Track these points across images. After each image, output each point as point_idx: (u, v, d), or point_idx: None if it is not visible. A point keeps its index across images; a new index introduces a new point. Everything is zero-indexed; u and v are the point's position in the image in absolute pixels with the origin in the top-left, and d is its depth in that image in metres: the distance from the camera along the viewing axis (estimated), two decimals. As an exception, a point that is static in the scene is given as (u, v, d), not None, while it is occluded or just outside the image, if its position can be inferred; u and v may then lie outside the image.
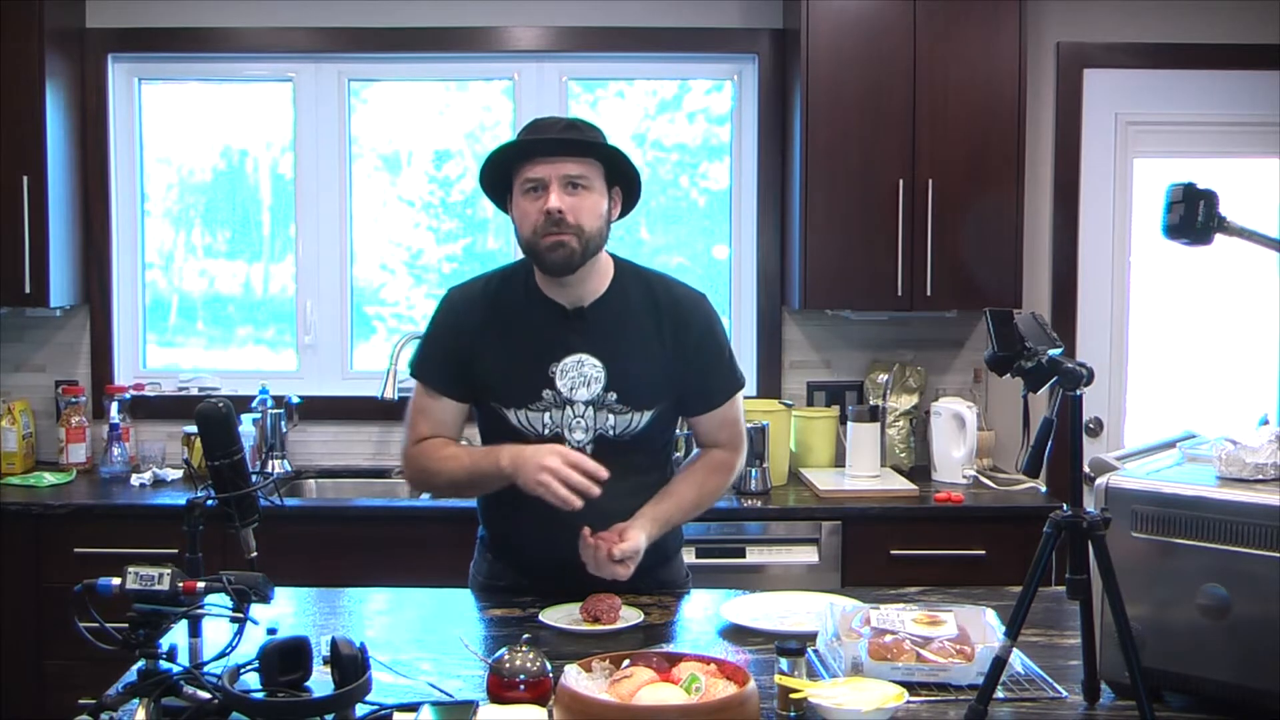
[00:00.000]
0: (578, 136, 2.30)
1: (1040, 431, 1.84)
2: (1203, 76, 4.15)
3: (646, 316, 2.41)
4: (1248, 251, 2.07)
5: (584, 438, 2.36)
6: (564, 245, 2.28)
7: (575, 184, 2.28)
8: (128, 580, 1.72)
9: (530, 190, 2.30)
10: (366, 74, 4.21)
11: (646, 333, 2.40)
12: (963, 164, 3.77)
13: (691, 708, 1.66)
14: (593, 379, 2.36)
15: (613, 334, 2.38)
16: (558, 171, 2.27)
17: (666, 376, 2.40)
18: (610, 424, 2.37)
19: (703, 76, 4.23)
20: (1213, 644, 1.79)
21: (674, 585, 2.57)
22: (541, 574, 2.45)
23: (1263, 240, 1.92)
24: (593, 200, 2.30)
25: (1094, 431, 4.22)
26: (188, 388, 4.15)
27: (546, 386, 2.35)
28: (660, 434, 2.47)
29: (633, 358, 2.38)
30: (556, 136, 2.30)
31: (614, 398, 2.36)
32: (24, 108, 3.75)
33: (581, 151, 2.29)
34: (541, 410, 2.36)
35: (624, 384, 2.36)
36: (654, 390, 2.39)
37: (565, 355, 2.36)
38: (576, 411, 2.36)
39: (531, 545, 2.44)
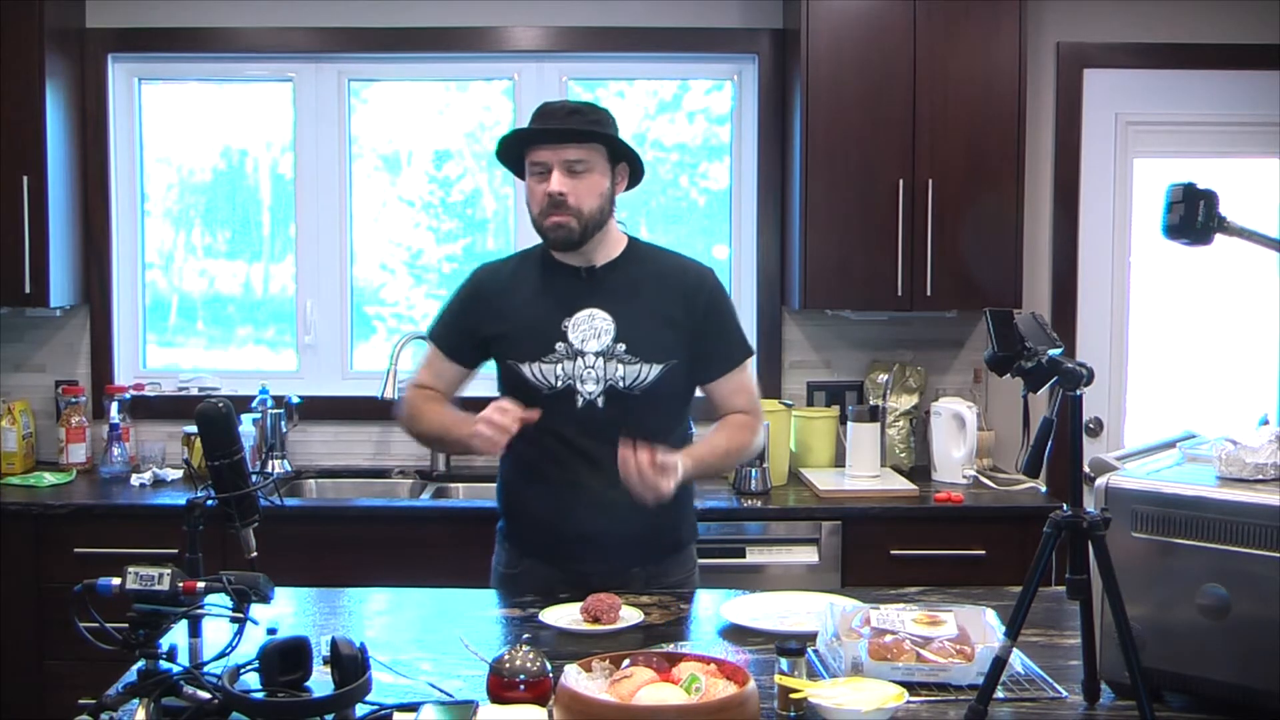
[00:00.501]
0: (577, 124, 2.46)
1: (1040, 431, 1.84)
2: (1203, 76, 4.15)
3: (656, 281, 2.57)
4: (1248, 251, 2.07)
5: (595, 389, 2.49)
6: (563, 226, 2.47)
7: (575, 167, 2.46)
8: (128, 580, 1.72)
9: (536, 173, 2.49)
10: (366, 74, 4.21)
11: (656, 294, 2.55)
12: (963, 164, 3.77)
13: (691, 708, 1.66)
14: (603, 331, 2.50)
15: (623, 291, 2.54)
16: (559, 156, 2.45)
17: (675, 336, 2.53)
18: (620, 374, 2.48)
19: (703, 76, 4.23)
20: (1213, 644, 1.79)
21: (681, 576, 2.61)
22: (560, 551, 2.53)
23: (1263, 240, 1.92)
24: (592, 181, 2.48)
25: (1094, 431, 4.22)
26: (188, 388, 4.15)
27: (559, 340, 2.50)
28: (671, 398, 2.56)
29: (642, 313, 2.52)
30: (556, 126, 2.46)
31: (623, 348, 2.49)
32: (24, 108, 3.75)
33: (579, 138, 2.46)
34: (554, 362, 2.49)
35: (633, 335, 2.50)
36: (662, 345, 2.51)
37: (578, 310, 2.52)
38: (587, 363, 2.49)
39: (550, 518, 2.52)
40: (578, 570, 2.51)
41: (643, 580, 2.54)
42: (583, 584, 2.45)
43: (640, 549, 2.54)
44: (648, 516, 2.44)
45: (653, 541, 2.56)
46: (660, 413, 2.54)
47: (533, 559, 2.59)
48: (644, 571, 2.55)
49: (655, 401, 2.51)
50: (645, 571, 2.55)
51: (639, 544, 2.53)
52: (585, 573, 2.49)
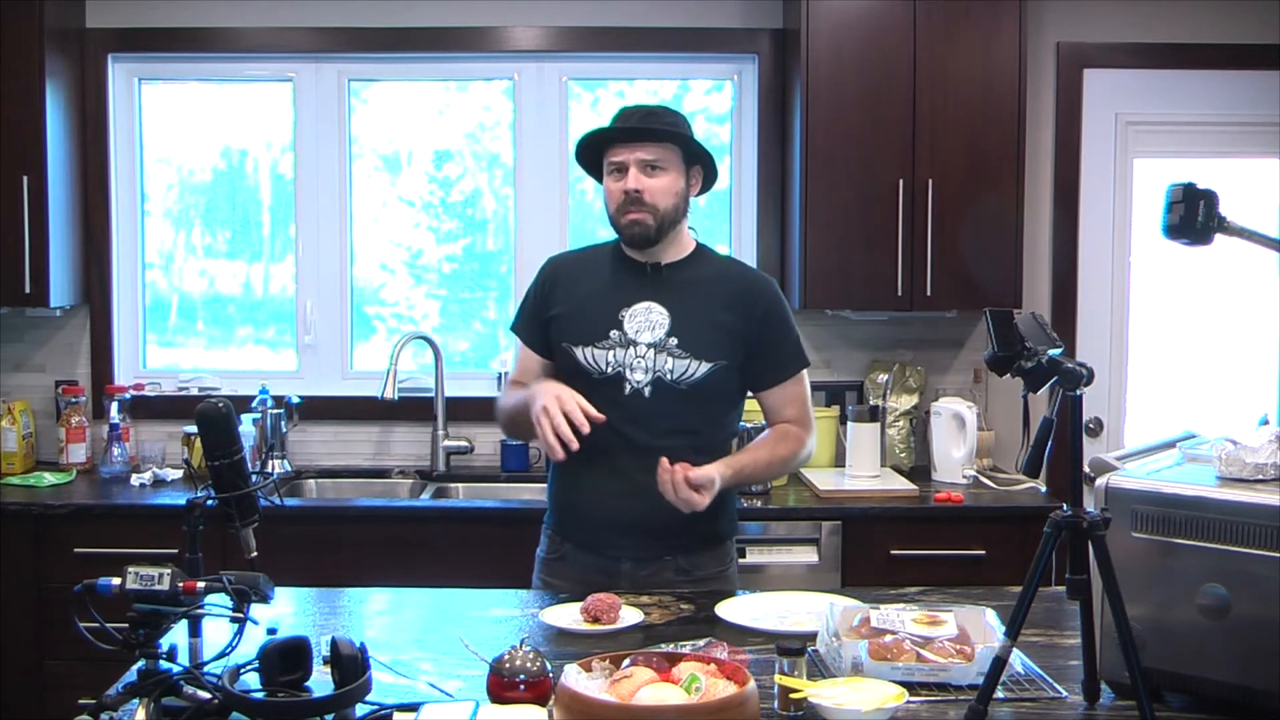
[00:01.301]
0: (653, 124, 2.56)
1: (1040, 431, 1.84)
2: (1203, 76, 4.15)
3: (717, 283, 2.64)
4: (1248, 251, 2.07)
5: (643, 379, 2.55)
6: (640, 222, 2.55)
7: (652, 166, 2.55)
8: (128, 580, 1.72)
9: (614, 172, 2.58)
10: (366, 74, 4.21)
11: (714, 296, 2.62)
12: (963, 164, 3.77)
13: (691, 708, 1.66)
14: (657, 324, 2.57)
15: (683, 290, 2.61)
16: (635, 155, 2.55)
17: (729, 337, 2.59)
18: (669, 367, 2.54)
19: (703, 76, 4.23)
20: (1213, 644, 1.79)
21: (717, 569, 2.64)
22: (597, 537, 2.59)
23: (1263, 240, 1.92)
24: (668, 180, 2.56)
25: (1094, 431, 4.22)
26: (188, 388, 4.15)
27: (614, 327, 2.57)
28: (716, 398, 2.61)
29: (697, 311, 2.59)
30: (634, 125, 2.57)
31: (675, 342, 2.55)
32: (24, 108, 3.75)
33: (656, 137, 2.55)
34: (607, 349, 2.56)
35: (686, 331, 2.56)
36: (714, 344, 2.57)
37: (636, 302, 2.59)
38: (639, 352, 2.56)
39: (589, 503, 2.59)
40: (613, 556, 2.57)
41: (674, 570, 2.57)
42: (616, 572, 2.55)
43: (676, 539, 2.57)
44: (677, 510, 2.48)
45: (689, 532, 2.57)
46: (704, 411, 2.59)
47: (571, 544, 2.64)
48: (677, 562, 2.58)
49: (700, 399, 2.56)
50: (679, 562, 2.58)
51: (675, 534, 2.56)
52: (620, 559, 2.57)
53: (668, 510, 2.46)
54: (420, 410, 4.08)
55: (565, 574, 2.62)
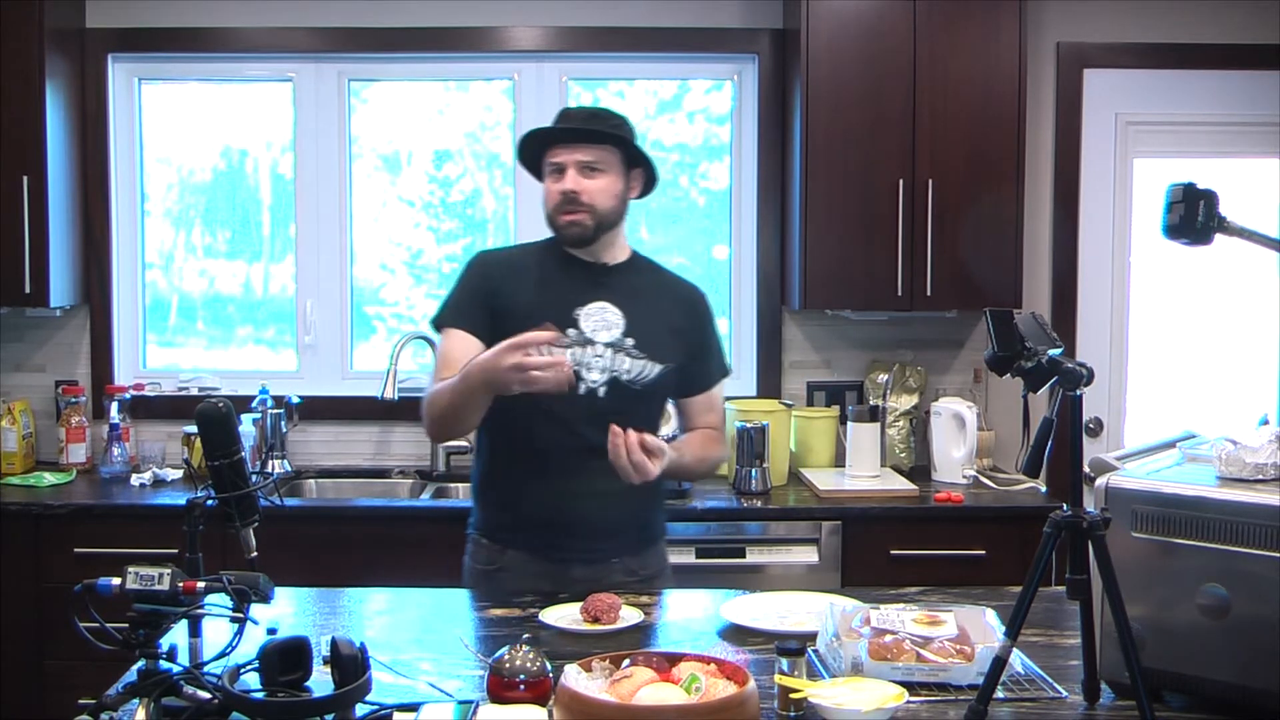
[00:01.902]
0: (595, 126, 2.56)
1: (1040, 431, 1.84)
2: (1203, 76, 4.15)
3: (662, 289, 2.69)
4: (1248, 251, 2.07)
5: (599, 378, 2.54)
6: (578, 223, 2.55)
7: (591, 168, 2.55)
8: (128, 580, 1.72)
9: (553, 172, 2.58)
10: (366, 74, 4.20)
11: (660, 302, 2.66)
12: (963, 164, 3.77)
13: (691, 708, 1.66)
14: (613, 324, 2.57)
15: (632, 292, 2.62)
16: (574, 157, 2.54)
17: (679, 341, 2.63)
18: (625, 368, 2.55)
19: (703, 76, 4.23)
20: (1213, 644, 1.79)
21: (657, 568, 2.66)
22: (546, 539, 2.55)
23: (1263, 240, 1.92)
24: (606, 182, 2.56)
25: (1094, 431, 4.22)
26: (188, 388, 4.15)
27: (571, 325, 2.55)
28: (660, 400, 2.67)
29: (649, 314, 2.61)
30: (575, 126, 2.57)
31: (631, 343, 2.56)
32: (24, 108, 3.75)
33: (594, 139, 2.55)
34: (564, 347, 2.51)
35: (641, 332, 2.57)
36: (666, 347, 2.60)
37: (589, 301, 2.58)
38: (596, 351, 2.55)
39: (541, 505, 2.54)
40: (562, 561, 2.55)
41: (623, 571, 2.58)
42: (564, 575, 2.51)
43: (622, 540, 2.59)
44: (633, 507, 2.54)
45: (634, 533, 2.61)
46: (651, 413, 2.63)
47: (516, 550, 2.59)
48: (623, 563, 2.59)
49: (650, 400, 2.60)
50: (624, 563, 2.59)
51: (622, 535, 2.59)
52: (570, 562, 2.54)
53: (619, 510, 2.52)
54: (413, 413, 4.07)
55: (505, 585, 2.54)
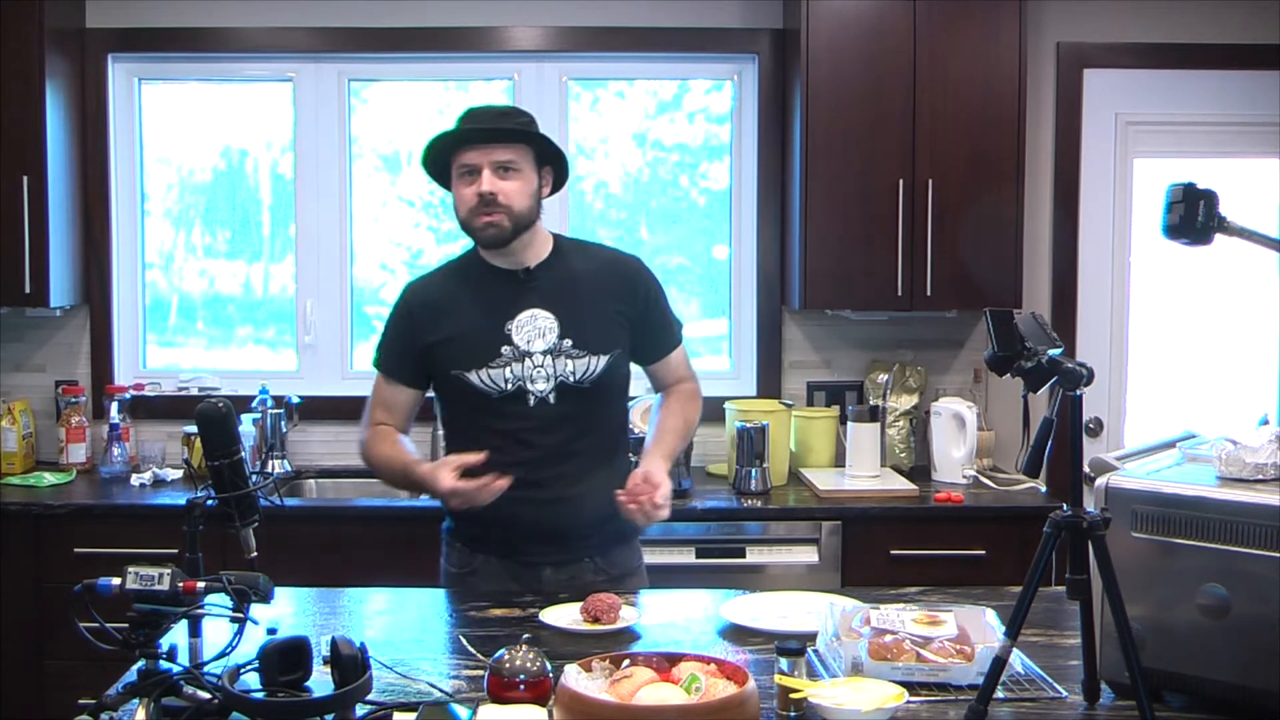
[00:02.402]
0: (506, 125, 2.51)
1: (1040, 431, 1.84)
2: (1203, 76, 4.15)
3: (591, 276, 2.61)
4: (1248, 251, 2.07)
5: (546, 387, 2.52)
6: (494, 224, 2.49)
7: (505, 168, 2.49)
8: (128, 580, 1.72)
9: (465, 174, 2.51)
10: (366, 74, 4.20)
11: (593, 287, 2.59)
12: (963, 164, 3.77)
13: (691, 708, 1.66)
14: (547, 329, 2.53)
15: (561, 289, 2.57)
16: (489, 158, 2.48)
17: (617, 326, 2.58)
18: (570, 369, 2.52)
19: (703, 76, 4.23)
20: (1213, 644, 1.79)
21: (631, 565, 2.66)
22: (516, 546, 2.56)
23: (1263, 240, 1.92)
24: (521, 181, 2.50)
25: (1094, 431, 4.22)
26: (188, 388, 4.15)
27: (504, 343, 2.52)
28: (617, 384, 2.64)
29: (582, 308, 2.56)
30: (485, 126, 2.50)
31: (569, 344, 2.52)
32: (24, 108, 3.75)
33: (508, 138, 2.49)
34: (502, 366, 2.51)
35: (577, 330, 2.53)
36: (606, 336, 2.56)
37: (519, 312, 2.54)
38: (536, 362, 2.51)
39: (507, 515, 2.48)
40: (531, 564, 2.56)
41: (593, 570, 2.58)
42: (534, 577, 2.54)
43: (592, 540, 2.59)
44: (599, 508, 2.52)
45: (604, 531, 2.59)
46: (609, 399, 2.61)
47: (486, 555, 2.60)
48: (595, 561, 2.59)
49: (604, 390, 2.57)
50: (596, 561, 2.59)
51: (590, 536, 2.58)
52: (540, 565, 2.56)
53: (585, 511, 2.53)
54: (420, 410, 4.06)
55: (478, 588, 2.57)
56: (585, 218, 4.21)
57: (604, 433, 2.61)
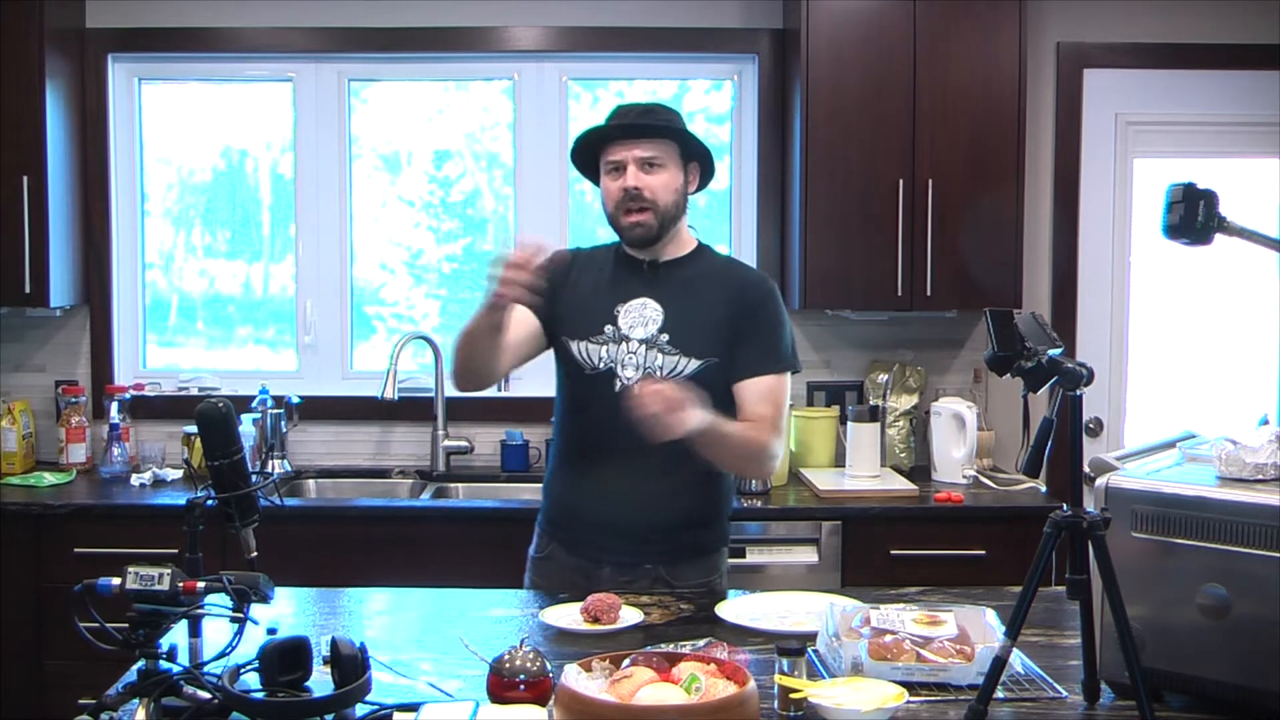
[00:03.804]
0: (650, 121, 2.54)
1: (1040, 431, 1.84)
2: (1203, 76, 4.15)
3: (714, 280, 2.61)
4: (1248, 251, 2.07)
5: (633, 375, 2.52)
6: (642, 223, 2.53)
7: (650, 164, 2.52)
8: (128, 580, 1.72)
9: (612, 170, 2.55)
10: (366, 74, 4.20)
11: (709, 292, 2.59)
12: (963, 164, 3.77)
13: (691, 708, 1.66)
14: (650, 320, 2.55)
15: (679, 287, 2.58)
16: (633, 153, 2.52)
17: (720, 333, 2.55)
18: (659, 363, 2.53)
19: (703, 76, 4.23)
20: (1213, 644, 1.79)
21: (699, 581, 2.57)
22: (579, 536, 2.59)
23: (1263, 240, 1.92)
24: (667, 177, 2.54)
25: (1094, 431, 4.22)
26: (188, 388, 4.15)
27: (609, 322, 2.56)
28: (709, 395, 2.44)
29: (692, 308, 2.56)
30: (631, 122, 2.54)
31: (666, 339, 2.54)
32: (24, 108, 3.75)
33: (653, 134, 2.53)
34: (600, 344, 2.55)
35: (678, 327, 2.54)
36: (705, 340, 2.54)
37: (632, 298, 2.57)
38: (630, 348, 2.54)
39: (573, 501, 2.58)
40: (593, 559, 2.56)
41: (653, 579, 2.54)
42: (595, 575, 2.52)
43: (658, 547, 2.54)
44: (670, 512, 2.51)
45: (673, 541, 2.56)
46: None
47: (557, 543, 2.64)
48: (657, 571, 2.55)
49: None
50: (659, 571, 2.55)
51: (658, 541, 2.54)
52: (600, 561, 2.55)
53: (653, 514, 2.51)
54: (420, 410, 4.08)
55: (551, 574, 2.62)
56: (586, 218, 4.21)
57: (680, 444, 2.39)
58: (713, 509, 2.64)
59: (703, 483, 2.57)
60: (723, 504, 2.67)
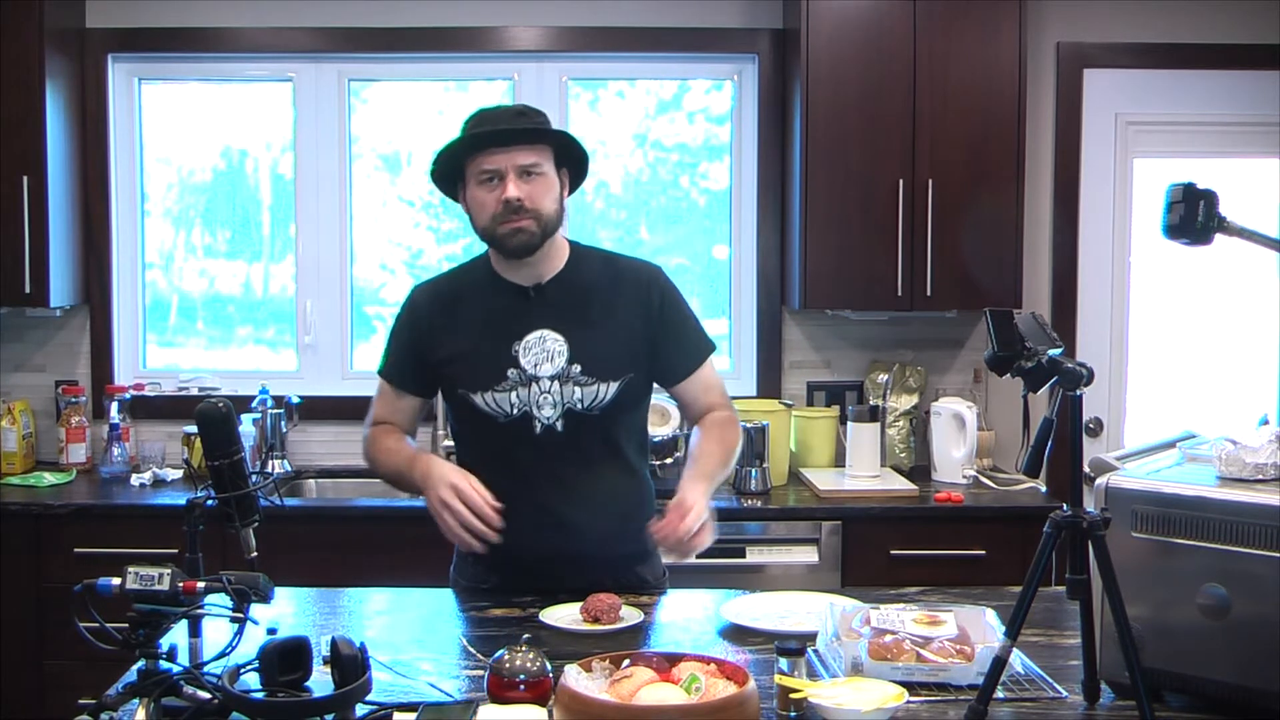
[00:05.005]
0: (528, 124, 2.37)
1: (1040, 431, 1.83)
2: (1203, 76, 4.15)
3: (605, 290, 2.47)
4: (1248, 251, 2.07)
5: (553, 414, 2.40)
6: (523, 230, 2.35)
7: (530, 172, 2.35)
8: (128, 580, 1.72)
9: (486, 180, 2.35)
10: (366, 74, 4.21)
11: (607, 305, 2.45)
12: (963, 164, 3.77)
13: (691, 708, 1.66)
14: (555, 353, 2.40)
15: (573, 308, 2.43)
16: (512, 161, 2.34)
17: (630, 348, 2.44)
18: (577, 397, 2.40)
19: (703, 76, 4.23)
20: (1213, 644, 1.79)
21: (653, 580, 2.56)
22: (530, 570, 2.45)
23: (1263, 240, 1.92)
24: (547, 184, 2.38)
25: (1094, 431, 4.22)
26: (188, 388, 4.15)
27: (511, 366, 2.40)
28: (630, 411, 2.47)
29: (594, 329, 2.43)
30: (508, 127, 2.35)
31: (578, 370, 2.40)
32: (24, 108, 3.75)
33: (533, 139, 2.36)
34: (508, 390, 2.40)
35: (587, 355, 2.40)
36: (618, 361, 2.42)
37: (527, 332, 2.41)
38: (542, 387, 2.39)
39: (515, 543, 2.35)
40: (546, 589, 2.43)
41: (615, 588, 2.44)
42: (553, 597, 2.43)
43: (610, 562, 2.49)
44: (611, 535, 2.45)
45: (621, 553, 2.50)
46: (620, 425, 2.47)
47: (500, 576, 2.50)
48: (614, 581, 2.46)
49: (615, 416, 2.44)
50: (616, 581, 2.47)
51: (608, 558, 2.48)
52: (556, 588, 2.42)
53: (598, 534, 2.43)
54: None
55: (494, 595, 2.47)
56: (586, 218, 4.21)
57: (617, 460, 2.47)
58: (647, 506, 2.54)
59: (631, 488, 2.51)
60: (652, 499, 2.58)
